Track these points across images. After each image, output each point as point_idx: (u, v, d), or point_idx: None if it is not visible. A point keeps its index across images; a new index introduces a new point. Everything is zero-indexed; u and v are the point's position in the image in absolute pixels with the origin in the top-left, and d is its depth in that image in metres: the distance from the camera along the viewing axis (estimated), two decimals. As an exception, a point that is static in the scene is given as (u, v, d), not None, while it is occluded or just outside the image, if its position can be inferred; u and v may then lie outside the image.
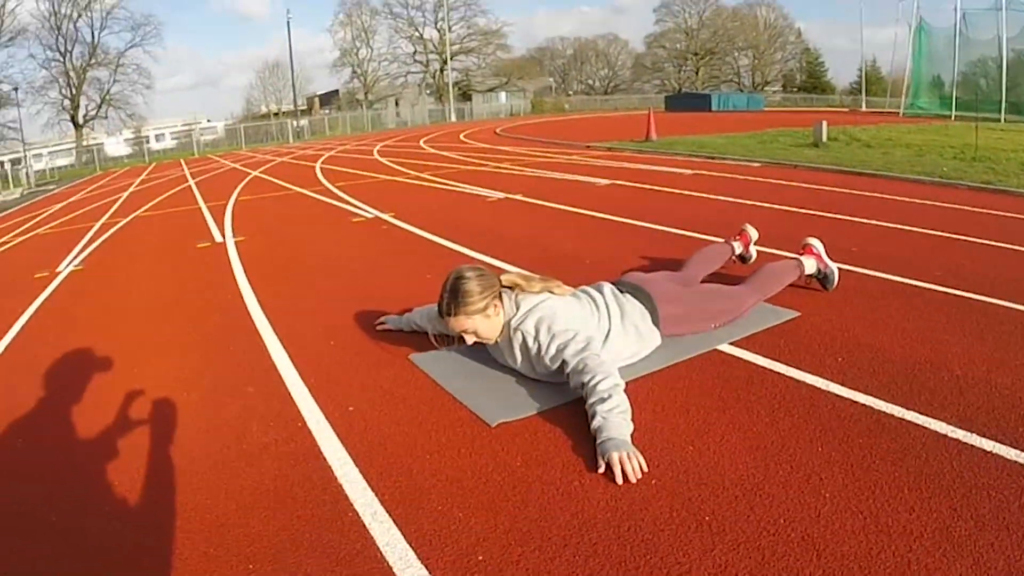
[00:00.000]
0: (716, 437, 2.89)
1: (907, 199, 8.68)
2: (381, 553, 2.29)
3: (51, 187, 30.89)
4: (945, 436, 2.79)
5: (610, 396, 2.94)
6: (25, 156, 43.56)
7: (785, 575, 2.04)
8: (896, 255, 5.67)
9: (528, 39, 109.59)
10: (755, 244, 5.36)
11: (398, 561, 2.24)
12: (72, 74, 60.71)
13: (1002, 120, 26.85)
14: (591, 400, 2.97)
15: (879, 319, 4.18)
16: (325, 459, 2.94)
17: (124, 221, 12.45)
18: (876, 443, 2.77)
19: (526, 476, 2.70)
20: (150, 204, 15.10)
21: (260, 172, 20.96)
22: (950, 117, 28.80)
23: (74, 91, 61.12)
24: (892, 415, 2.99)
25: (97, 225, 12.33)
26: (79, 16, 60.25)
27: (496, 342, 3.57)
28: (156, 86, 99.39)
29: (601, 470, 2.66)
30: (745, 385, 3.38)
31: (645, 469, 2.65)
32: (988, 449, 2.67)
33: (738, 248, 5.24)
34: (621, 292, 3.80)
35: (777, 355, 3.71)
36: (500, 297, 3.47)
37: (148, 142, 53.76)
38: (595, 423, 2.87)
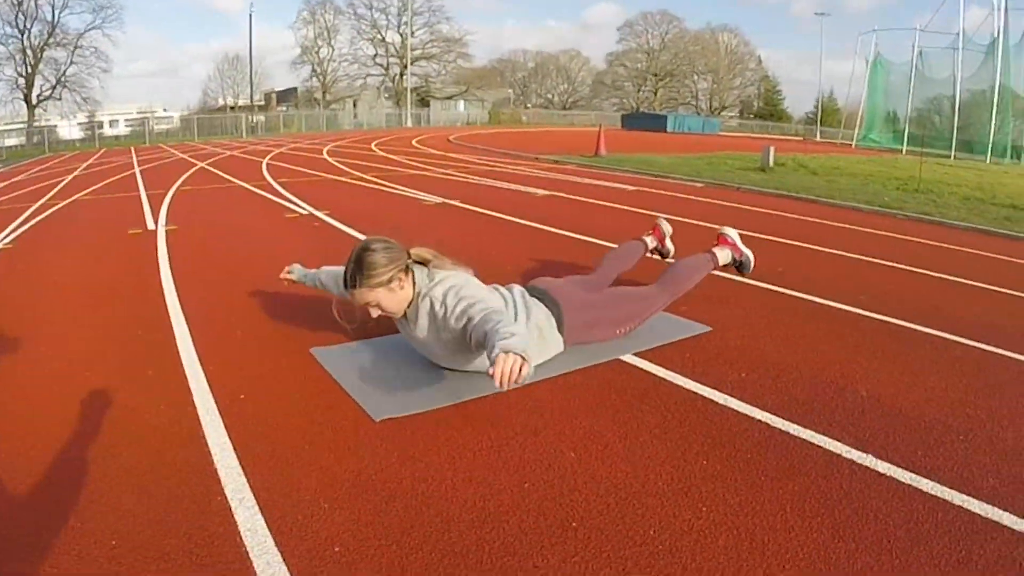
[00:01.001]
0: (600, 445, 2.90)
1: (843, 225, 8.93)
2: (241, 538, 2.28)
3: (-4, 165, 30.32)
4: (839, 456, 2.83)
5: (514, 335, 2.83)
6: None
7: None
8: (822, 277, 5.81)
9: (493, 50, 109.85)
10: (671, 239, 5.28)
11: (256, 547, 2.24)
12: (29, 52, 59.42)
13: (952, 157, 27.57)
14: (494, 338, 2.80)
15: (792, 338, 4.26)
16: (206, 444, 2.91)
17: (62, 204, 12.20)
18: (766, 460, 2.79)
19: (398, 472, 2.69)
20: (91, 189, 14.82)
21: (207, 164, 20.72)
22: (901, 151, 29.45)
23: (30, 70, 59.94)
24: (787, 432, 3.02)
25: (35, 206, 12.07)
26: (42, -7, 59.27)
27: (404, 315, 3.55)
28: (115, 71, 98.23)
29: (488, 372, 2.61)
30: (640, 395, 3.40)
31: (526, 379, 2.63)
32: (882, 471, 2.71)
33: (651, 243, 5.14)
34: (530, 295, 3.80)
35: (679, 367, 3.74)
36: (407, 271, 3.46)
37: (101, 127, 52.99)
38: (496, 346, 2.72)
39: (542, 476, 2.67)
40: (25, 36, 58.76)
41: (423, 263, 3.56)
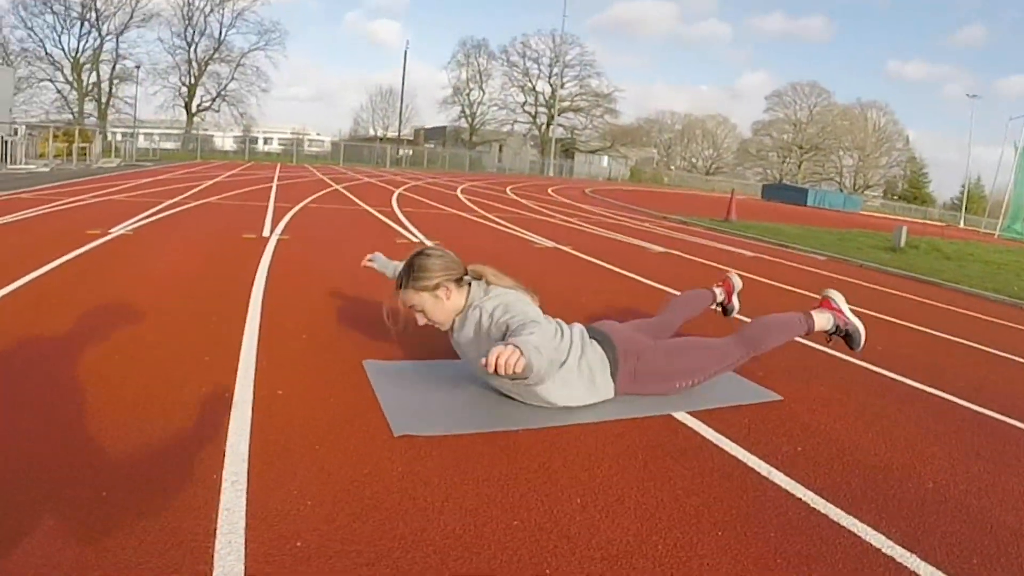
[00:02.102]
0: (613, 498, 2.70)
1: (962, 311, 8.43)
2: (217, 514, 2.30)
3: (148, 164, 31.84)
4: (877, 550, 2.49)
5: (533, 335, 2.85)
6: (135, 132, 45.34)
7: None
8: (921, 361, 5.40)
9: (641, 108, 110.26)
10: (739, 295, 4.88)
11: (226, 524, 2.24)
12: (194, 64, 63.12)
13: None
14: (513, 335, 2.86)
15: (872, 420, 3.89)
16: (227, 428, 2.98)
17: (193, 204, 12.81)
18: (789, 541, 2.50)
19: (393, 487, 2.61)
20: (225, 194, 15.48)
21: (342, 187, 21.37)
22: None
23: (193, 80, 63.40)
24: (825, 515, 2.71)
25: (168, 202, 12.71)
26: (211, 11, 62.87)
27: (452, 327, 3.53)
28: (274, 92, 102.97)
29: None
30: (678, 454, 3.16)
31: (517, 371, 2.59)
32: (923, 574, 2.38)
33: (719, 295, 4.79)
34: (589, 336, 3.68)
35: (730, 431, 3.46)
36: (460, 283, 3.46)
37: (256, 143, 55.49)
38: (508, 339, 2.79)
39: (536, 518, 2.50)
40: (192, 49, 62.75)
41: (480, 278, 3.54)
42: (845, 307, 4.28)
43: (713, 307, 4.80)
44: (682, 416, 3.61)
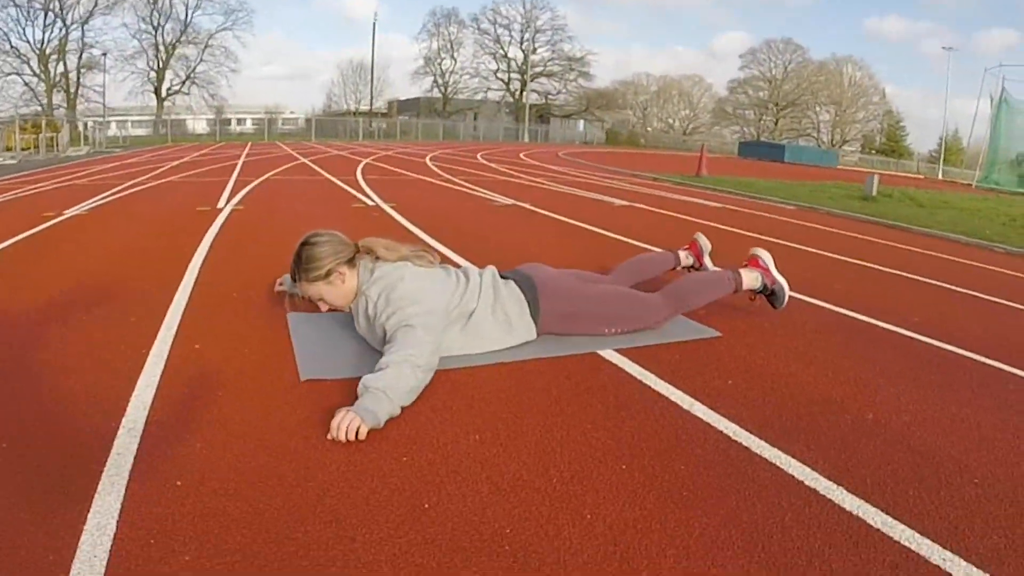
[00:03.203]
0: (515, 434, 2.61)
1: (931, 253, 8.39)
2: (108, 457, 2.30)
3: (117, 150, 31.67)
4: (800, 483, 2.37)
5: (387, 367, 2.78)
6: (104, 119, 44.99)
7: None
8: (879, 299, 5.33)
9: (617, 72, 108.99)
10: (710, 256, 4.81)
11: (112, 467, 2.23)
12: (161, 48, 62.49)
13: (1078, 203, 26.14)
14: (370, 377, 2.78)
15: (813, 354, 3.79)
16: (137, 380, 2.94)
17: (154, 183, 12.75)
18: (700, 474, 2.37)
19: (289, 427, 2.59)
20: (188, 173, 15.45)
21: (309, 160, 21.27)
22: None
23: (161, 64, 62.77)
24: (747, 448, 2.59)
25: (130, 183, 12.68)
26: (176, -7, 62.01)
27: (350, 308, 3.44)
28: (248, 72, 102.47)
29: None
30: (596, 390, 3.06)
31: (360, 437, 2.50)
32: (849, 508, 2.22)
33: (685, 259, 4.74)
34: (504, 279, 3.60)
35: (658, 368, 3.35)
36: (352, 264, 3.36)
37: (229, 124, 55.11)
38: (359, 389, 2.72)
39: (427, 454, 2.42)
40: (158, 33, 62.07)
41: (371, 253, 3.42)
42: (772, 266, 4.24)
43: (679, 270, 4.74)
44: (608, 354, 3.51)
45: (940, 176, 42.89)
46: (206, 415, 2.64)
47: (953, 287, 6.13)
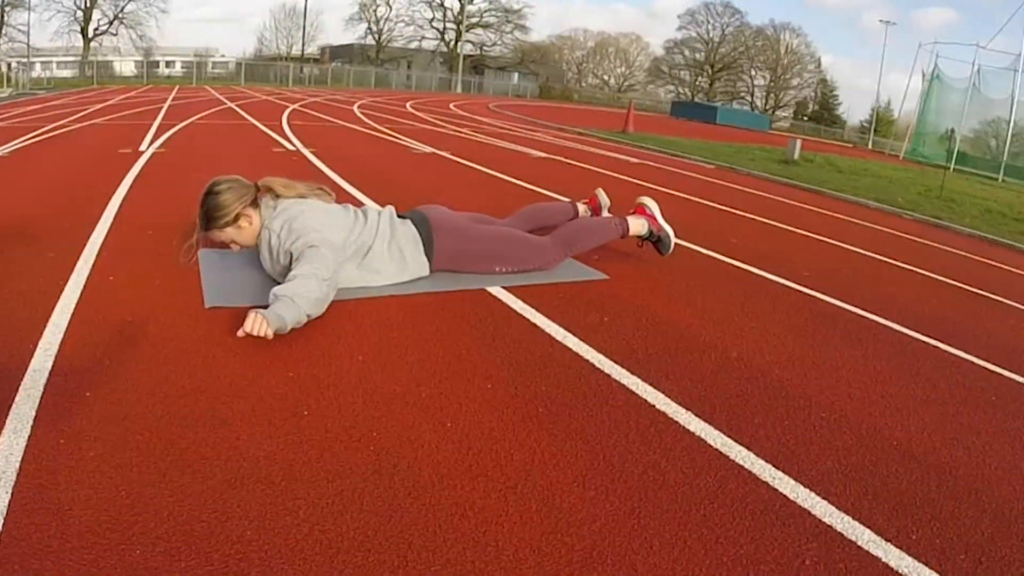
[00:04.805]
0: (396, 356, 2.85)
1: (836, 215, 8.75)
2: (24, 374, 2.43)
3: (41, 92, 30.82)
4: (651, 406, 2.61)
5: (295, 278, 3.00)
6: (28, 59, 43.54)
7: (346, 489, 2.00)
8: (774, 254, 5.62)
9: (556, 26, 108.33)
10: (608, 211, 4.92)
11: (28, 381, 2.39)
12: (88, -16, 60.31)
13: (1000, 179, 26.83)
14: (282, 286, 2.99)
15: (690, 298, 4.05)
16: (52, 310, 3.05)
17: (77, 126, 12.50)
18: (558, 393, 2.63)
19: (188, 347, 2.78)
20: (112, 116, 15.11)
21: (235, 104, 20.94)
22: (949, 168, 28.59)
23: (88, 3, 60.66)
24: (607, 374, 2.84)
25: (52, 125, 12.40)
26: (104, -75, 59.87)
27: (256, 246, 3.60)
28: (181, 15, 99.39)
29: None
30: (477, 322, 3.30)
31: (264, 335, 2.76)
32: (694, 430, 2.48)
33: (584, 212, 4.85)
34: (401, 218, 3.80)
35: (540, 304, 3.59)
36: (255, 204, 3.55)
37: (158, 67, 53.71)
38: (270, 298, 2.92)
39: (312, 371, 2.65)
40: (85, -31, 59.30)
41: (270, 192, 3.60)
42: (659, 214, 4.50)
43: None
44: (496, 291, 3.75)
45: (870, 146, 43.61)
46: (116, 336, 2.80)
47: (852, 247, 6.50)
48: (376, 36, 74.25)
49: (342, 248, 3.43)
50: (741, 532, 1.94)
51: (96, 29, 60.97)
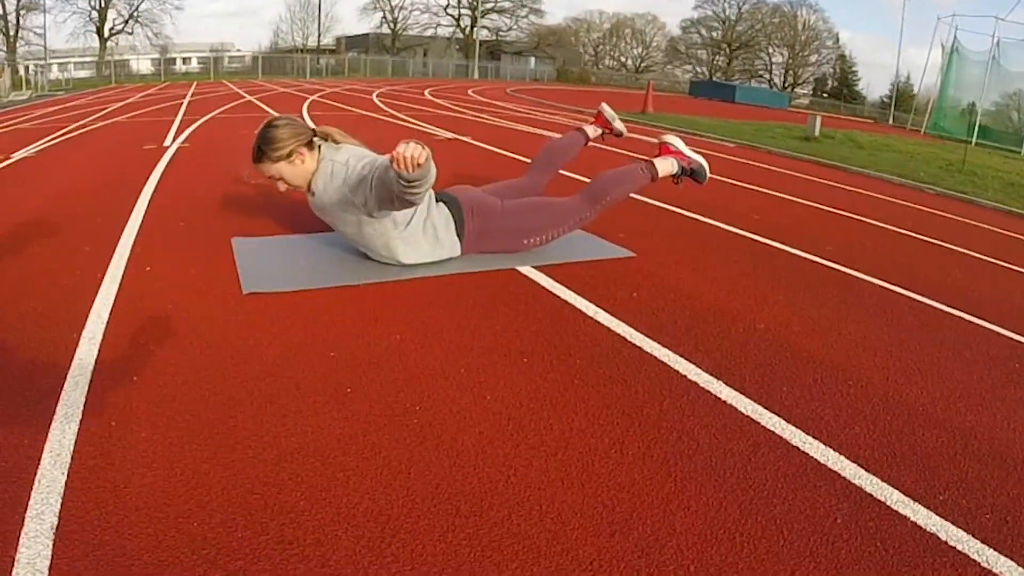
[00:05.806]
0: (432, 334, 2.94)
1: (858, 190, 8.73)
2: (71, 361, 2.52)
3: (60, 93, 31.04)
4: (684, 376, 2.69)
5: None
6: (45, 61, 43.82)
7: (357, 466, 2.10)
8: (796, 229, 5.63)
9: (571, 9, 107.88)
10: (617, 123, 4.88)
11: (76, 369, 2.47)
12: (103, -15, 60.54)
13: (1022, 152, 26.57)
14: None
15: (719, 272, 4.13)
16: (93, 300, 3.14)
17: (99, 124, 12.61)
18: (595, 367, 2.71)
19: (230, 331, 2.88)
20: (133, 113, 15.23)
21: (255, 98, 21.04)
22: (970, 143, 28.31)
23: (103, 4, 60.91)
24: (640, 347, 2.93)
25: (75, 125, 12.50)
26: (116, -73, 60.03)
27: (308, 187, 3.66)
28: (195, 11, 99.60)
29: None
30: (510, 300, 3.38)
31: (421, 162, 2.81)
32: (724, 398, 2.57)
33: (593, 132, 4.84)
34: (436, 200, 3.83)
35: (568, 281, 3.66)
36: (311, 146, 3.61)
37: (174, 64, 53.93)
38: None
39: (353, 351, 2.74)
40: (100, -31, 59.45)
41: (328, 138, 3.70)
42: (684, 148, 4.32)
43: (592, 144, 4.91)
44: (526, 270, 3.82)
45: (891, 122, 43.25)
46: (157, 324, 2.89)
47: (874, 222, 6.51)
48: (391, 25, 74.19)
49: None
50: (774, 494, 2.01)
51: (112, 28, 61.27)
